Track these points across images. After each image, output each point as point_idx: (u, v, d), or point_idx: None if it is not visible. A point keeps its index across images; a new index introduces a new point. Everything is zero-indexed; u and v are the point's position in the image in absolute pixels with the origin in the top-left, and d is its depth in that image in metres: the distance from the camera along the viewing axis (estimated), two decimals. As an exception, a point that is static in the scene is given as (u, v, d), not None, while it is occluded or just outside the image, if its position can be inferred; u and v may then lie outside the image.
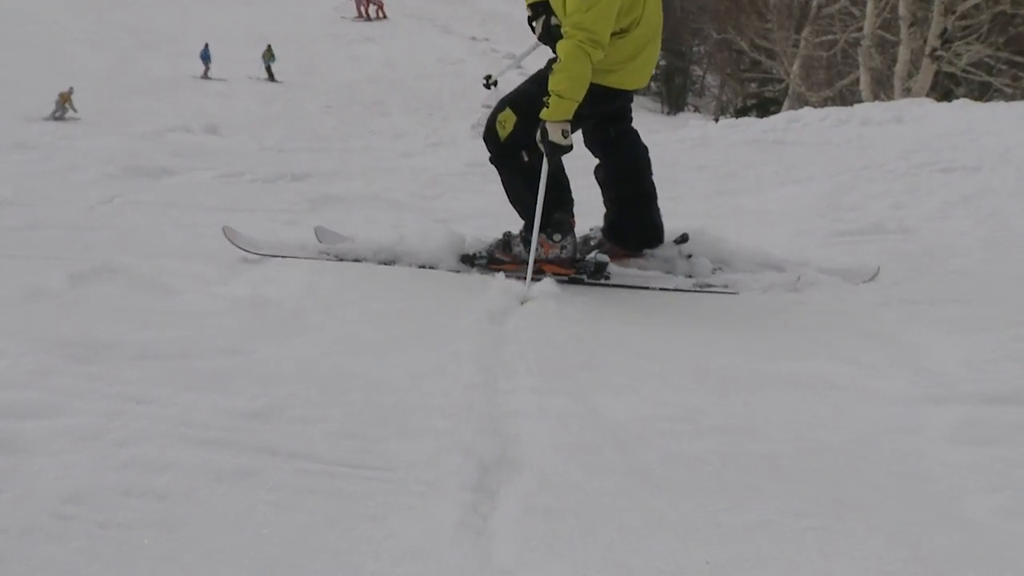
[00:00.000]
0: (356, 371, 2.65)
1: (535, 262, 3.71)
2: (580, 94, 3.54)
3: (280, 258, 3.81)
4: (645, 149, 4.01)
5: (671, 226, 4.07)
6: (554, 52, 3.64)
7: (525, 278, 3.64)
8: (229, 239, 3.90)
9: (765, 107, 29.44)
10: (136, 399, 2.33)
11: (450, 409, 2.38)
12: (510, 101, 3.80)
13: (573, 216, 3.87)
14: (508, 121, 3.75)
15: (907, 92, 19.90)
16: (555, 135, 3.56)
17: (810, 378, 2.70)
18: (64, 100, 19.37)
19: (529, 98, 3.72)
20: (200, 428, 2.18)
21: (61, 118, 18.85)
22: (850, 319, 3.30)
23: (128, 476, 1.95)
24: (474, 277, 3.77)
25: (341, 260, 3.83)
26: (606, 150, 4.00)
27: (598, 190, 4.08)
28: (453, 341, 2.90)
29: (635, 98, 4.04)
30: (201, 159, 7.71)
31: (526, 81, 3.87)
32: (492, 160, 3.89)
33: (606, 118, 3.88)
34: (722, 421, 2.38)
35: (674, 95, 37.58)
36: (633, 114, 4.09)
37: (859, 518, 1.93)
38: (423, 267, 3.82)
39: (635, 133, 4.03)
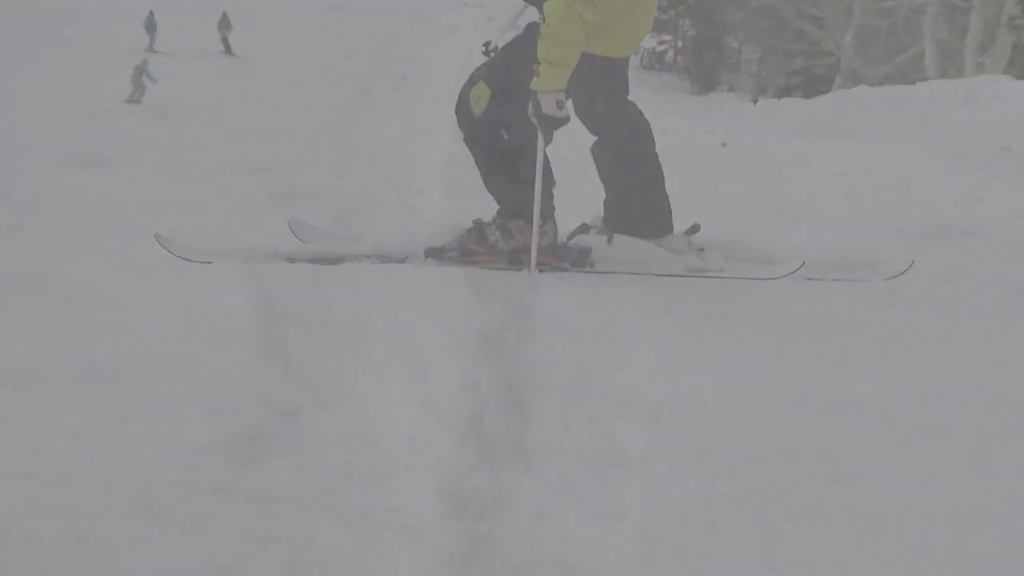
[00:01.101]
0: (328, 398, 2.66)
1: (514, 251, 3.85)
2: (573, 60, 3.64)
3: (231, 264, 3.83)
4: (646, 125, 4.09)
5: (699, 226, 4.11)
6: (540, 13, 3.71)
7: (505, 270, 3.76)
8: (163, 246, 3.94)
9: (812, 86, 29.49)
10: (69, 430, 2.34)
11: (440, 445, 2.39)
12: (483, 74, 3.92)
13: (553, 199, 3.98)
14: (482, 96, 3.86)
15: (981, 68, 19.95)
16: (548, 106, 3.64)
17: (861, 404, 2.71)
18: (139, 72, 19.00)
19: (504, 70, 3.83)
20: (145, 465, 2.19)
21: (138, 100, 18.19)
22: (909, 334, 3.31)
23: (60, 521, 1.96)
24: (462, 280, 3.79)
25: (293, 263, 3.89)
26: (596, 126, 4.09)
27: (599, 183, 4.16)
28: (442, 363, 2.92)
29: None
30: (145, 147, 7.74)
31: (501, 50, 3.99)
32: (466, 140, 4.02)
33: (592, 89, 3.95)
34: (756, 455, 2.39)
35: (705, 71, 37.53)
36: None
37: (916, 573, 1.94)
38: (386, 263, 3.89)
39: (631, 107, 4.11)
